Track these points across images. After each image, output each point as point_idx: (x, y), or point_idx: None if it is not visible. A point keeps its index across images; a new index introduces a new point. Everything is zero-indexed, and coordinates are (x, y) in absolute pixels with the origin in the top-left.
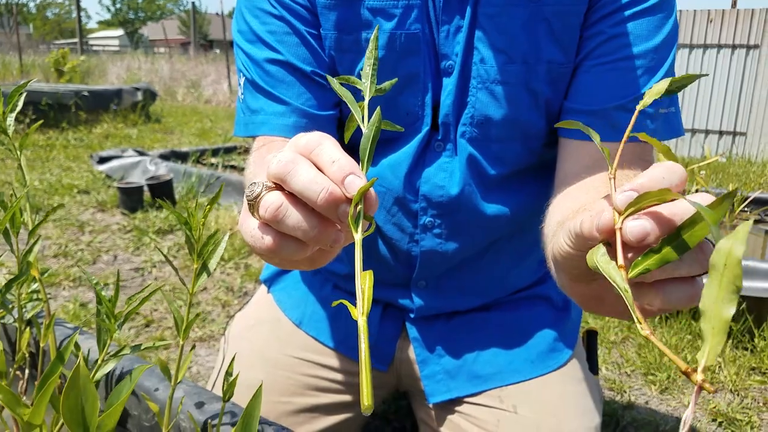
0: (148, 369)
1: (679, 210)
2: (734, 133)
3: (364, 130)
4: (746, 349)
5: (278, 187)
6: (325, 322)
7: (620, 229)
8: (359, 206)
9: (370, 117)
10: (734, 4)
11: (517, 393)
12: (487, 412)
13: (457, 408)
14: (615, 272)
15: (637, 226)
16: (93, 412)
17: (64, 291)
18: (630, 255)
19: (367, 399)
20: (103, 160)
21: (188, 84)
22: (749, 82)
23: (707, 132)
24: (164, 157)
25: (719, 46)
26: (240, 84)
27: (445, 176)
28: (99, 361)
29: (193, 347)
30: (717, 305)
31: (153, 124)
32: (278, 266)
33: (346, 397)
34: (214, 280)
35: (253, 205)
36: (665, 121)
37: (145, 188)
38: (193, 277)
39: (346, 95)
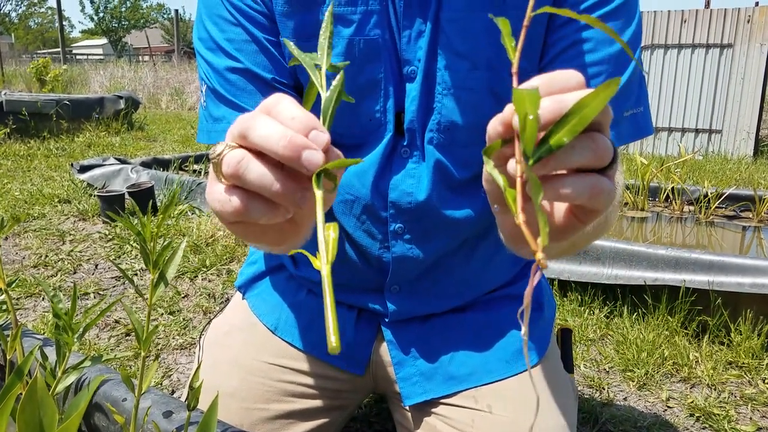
0: (117, 378)
1: (568, 96)
2: (710, 131)
3: (323, 95)
4: (722, 343)
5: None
6: (300, 327)
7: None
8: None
9: (328, 87)
10: (707, 5)
11: (491, 393)
12: (462, 412)
13: (433, 409)
14: (495, 171)
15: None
16: (51, 425)
17: (43, 301)
18: None
19: (335, 341)
20: (84, 169)
21: (172, 91)
22: (723, 81)
23: (683, 130)
24: (146, 164)
25: (693, 46)
26: (202, 91)
27: (413, 182)
28: (59, 374)
29: (157, 357)
30: (533, 194)
31: (136, 132)
32: (249, 241)
33: (322, 402)
34: (195, 286)
35: (217, 165)
36: (632, 122)
37: (127, 196)
38: (150, 288)
39: (305, 60)
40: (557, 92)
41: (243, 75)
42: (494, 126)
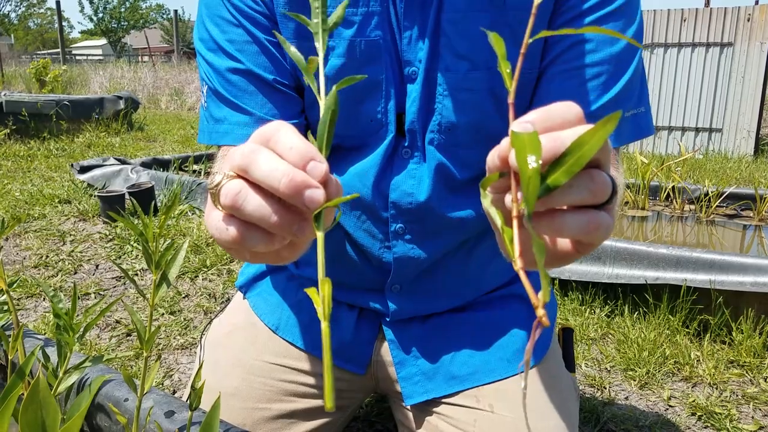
0: (119, 379)
1: (566, 134)
2: (710, 130)
3: (321, 103)
4: (724, 342)
5: (241, 178)
6: (301, 327)
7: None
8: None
9: (326, 65)
10: (707, 3)
11: (493, 392)
12: (464, 412)
13: (435, 409)
14: (492, 209)
15: None
16: (54, 426)
17: (44, 302)
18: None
19: (329, 401)
20: (84, 170)
21: (171, 92)
22: (724, 80)
23: (684, 129)
24: (146, 165)
25: (693, 45)
26: (203, 92)
27: (414, 183)
28: (60, 374)
29: (158, 357)
30: (536, 252)
31: (136, 132)
32: (245, 260)
33: (323, 402)
34: (196, 287)
35: (215, 194)
36: (633, 122)
37: (127, 196)
38: (152, 288)
39: (300, 62)
40: (555, 126)
41: (244, 76)
42: (492, 159)
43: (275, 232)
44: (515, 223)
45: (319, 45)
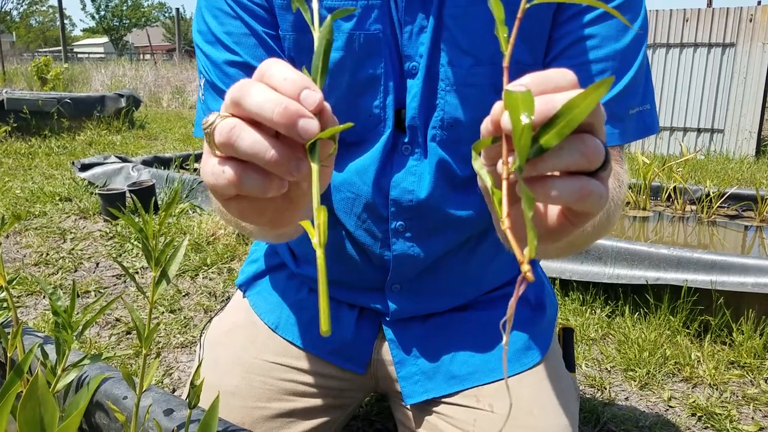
0: (118, 376)
1: (559, 97)
2: (712, 130)
3: (315, 34)
4: (724, 343)
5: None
6: (301, 326)
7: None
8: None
9: (321, 23)
10: (710, 4)
11: (493, 392)
12: (464, 411)
13: (435, 408)
14: (483, 171)
15: None
16: (52, 424)
17: (44, 299)
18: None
19: (324, 324)
20: (85, 167)
21: (173, 90)
22: (726, 80)
23: (686, 130)
24: (147, 163)
25: (696, 45)
26: (200, 84)
27: (414, 180)
28: (59, 372)
29: (158, 355)
30: (525, 206)
31: (137, 130)
32: (243, 216)
33: (323, 401)
34: (196, 285)
35: (209, 134)
36: (638, 120)
37: (128, 194)
38: (152, 285)
39: (307, 15)
40: (549, 91)
41: (242, 69)
42: (485, 125)
43: (272, 169)
44: (505, 184)
45: None
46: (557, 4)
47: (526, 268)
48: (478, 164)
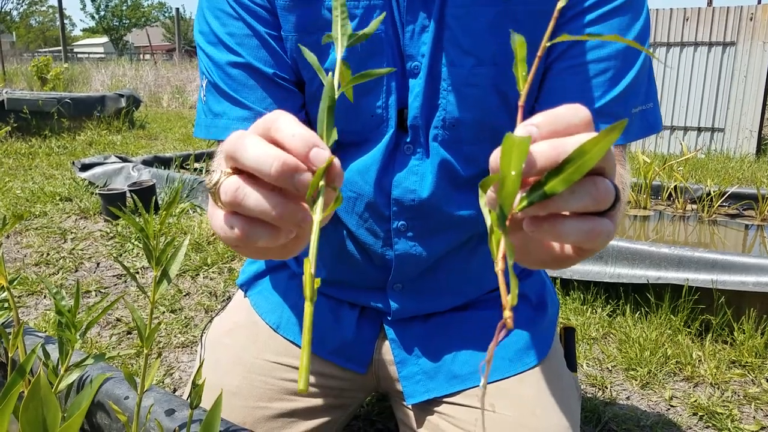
0: (120, 376)
1: (569, 141)
2: (713, 130)
3: (325, 84)
4: (726, 342)
5: (237, 172)
6: (302, 326)
7: None
8: (320, 184)
9: (327, 59)
10: (710, 3)
11: (495, 391)
12: (465, 411)
13: (436, 408)
14: (485, 210)
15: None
16: (54, 424)
17: (45, 299)
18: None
19: (302, 383)
20: (85, 167)
21: (173, 90)
22: (726, 79)
23: (686, 129)
24: (147, 163)
25: (696, 44)
26: (202, 85)
27: (416, 180)
28: (62, 372)
29: (159, 355)
30: (509, 256)
31: (137, 130)
32: (253, 257)
33: (324, 401)
34: (197, 285)
35: (215, 193)
36: (641, 119)
37: (128, 194)
38: (153, 285)
39: (314, 62)
40: (561, 131)
41: (244, 70)
42: (490, 162)
43: (279, 224)
44: (506, 222)
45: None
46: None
47: (507, 314)
48: (483, 202)
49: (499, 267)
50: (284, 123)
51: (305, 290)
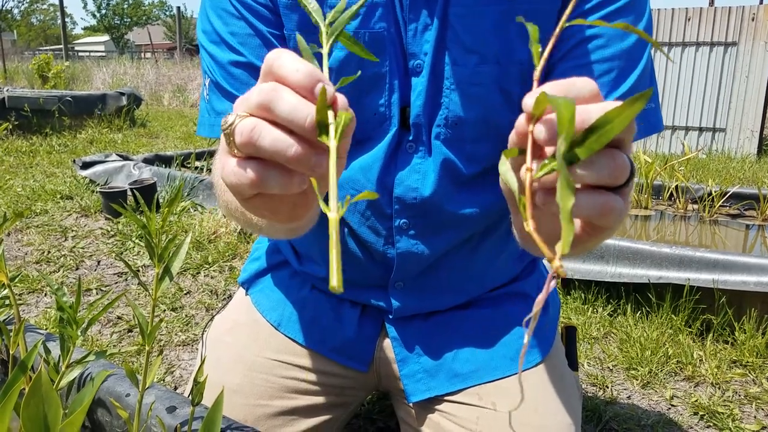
0: (121, 374)
1: (591, 111)
2: (714, 130)
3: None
4: (727, 342)
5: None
6: (303, 324)
7: (531, 131)
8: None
9: (329, 57)
10: (712, 3)
11: (496, 390)
12: (466, 409)
13: (437, 406)
14: (509, 173)
15: (546, 122)
16: (55, 420)
17: (45, 297)
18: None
19: (335, 280)
20: (86, 165)
21: (174, 88)
22: (728, 79)
23: (687, 129)
24: (148, 161)
25: (698, 44)
26: (205, 84)
27: (419, 178)
28: (63, 368)
29: (160, 353)
30: (562, 200)
31: (138, 128)
32: (260, 214)
33: (325, 399)
34: (198, 283)
35: (230, 135)
36: (643, 119)
37: (129, 193)
38: (155, 282)
39: (306, 50)
40: (578, 99)
41: (246, 69)
42: (511, 137)
43: (294, 166)
44: (528, 189)
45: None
46: (561, 5)
47: (557, 263)
48: (505, 168)
49: (530, 227)
50: (286, 59)
51: (335, 204)
